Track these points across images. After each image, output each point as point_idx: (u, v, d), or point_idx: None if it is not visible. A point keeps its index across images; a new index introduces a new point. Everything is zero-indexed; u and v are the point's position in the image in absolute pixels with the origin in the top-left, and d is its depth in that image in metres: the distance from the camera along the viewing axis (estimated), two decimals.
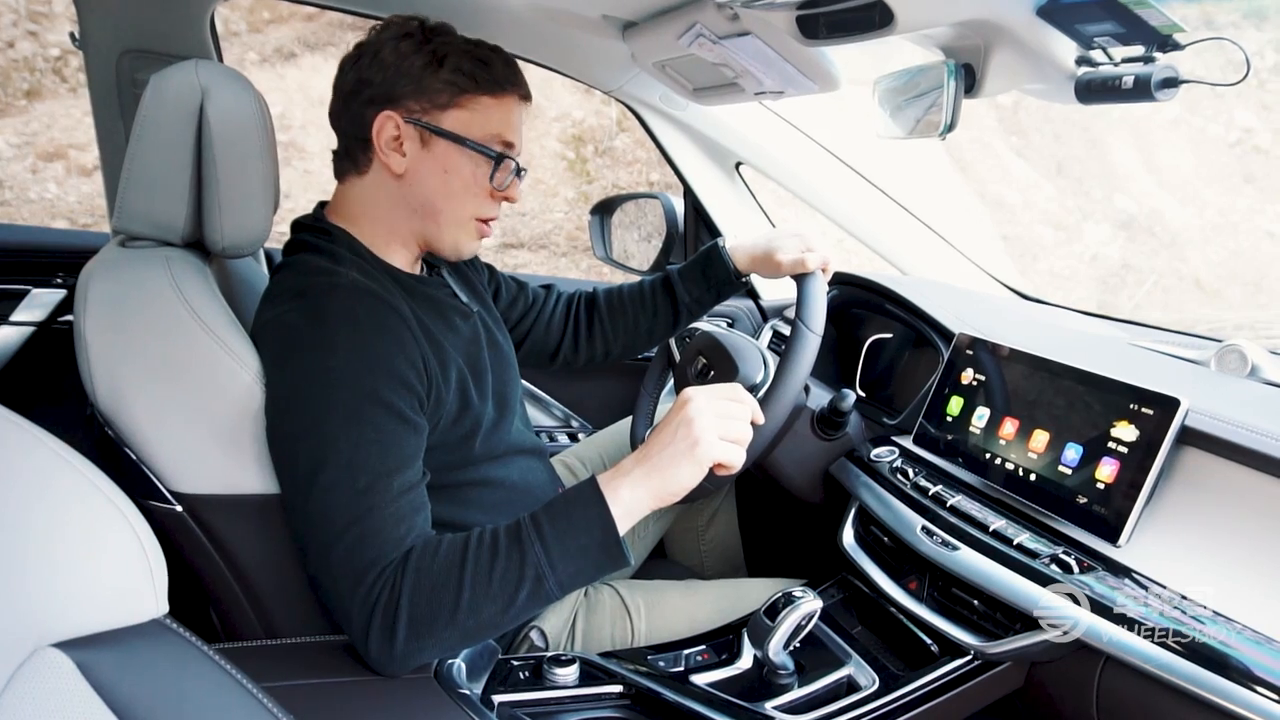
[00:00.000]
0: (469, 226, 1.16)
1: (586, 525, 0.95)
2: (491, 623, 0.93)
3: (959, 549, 1.11)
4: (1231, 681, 0.83)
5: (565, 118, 6.19)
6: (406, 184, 1.12)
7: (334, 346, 0.98)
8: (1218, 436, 0.99)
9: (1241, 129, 7.05)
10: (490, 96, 1.10)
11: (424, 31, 1.09)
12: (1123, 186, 6.95)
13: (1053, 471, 1.10)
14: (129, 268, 1.07)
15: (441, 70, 1.07)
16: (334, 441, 0.95)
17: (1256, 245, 6.61)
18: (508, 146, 1.13)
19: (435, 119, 1.09)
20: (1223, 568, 0.94)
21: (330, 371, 0.97)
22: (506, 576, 0.92)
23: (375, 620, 0.90)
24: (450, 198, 1.12)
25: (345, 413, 0.96)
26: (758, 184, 2.11)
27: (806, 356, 1.22)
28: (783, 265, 1.33)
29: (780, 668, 1.11)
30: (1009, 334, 1.27)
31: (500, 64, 1.10)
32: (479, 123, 1.10)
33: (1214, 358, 1.27)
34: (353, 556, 0.92)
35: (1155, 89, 0.91)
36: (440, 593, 0.91)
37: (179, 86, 1.08)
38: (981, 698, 1.10)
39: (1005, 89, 1.10)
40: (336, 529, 0.93)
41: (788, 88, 1.31)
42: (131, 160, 1.08)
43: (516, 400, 1.29)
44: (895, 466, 1.31)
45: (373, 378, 0.98)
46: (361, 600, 0.91)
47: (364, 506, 0.93)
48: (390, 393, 0.98)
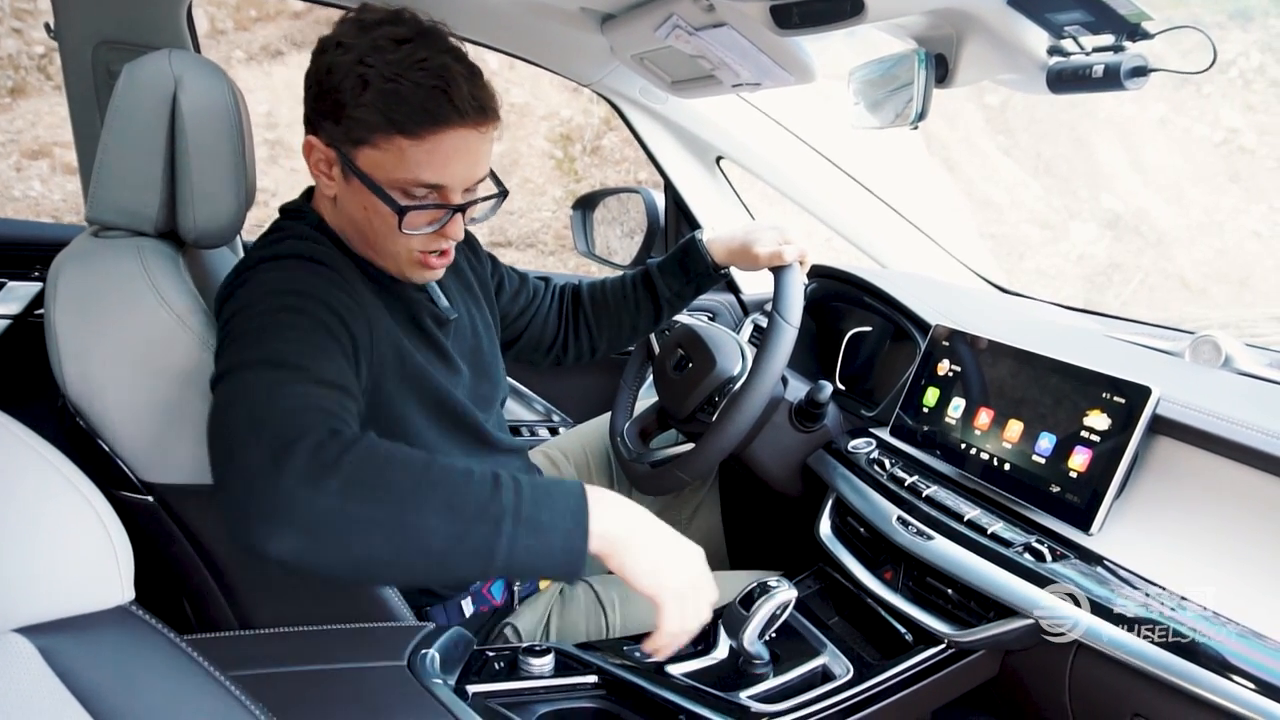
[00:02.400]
0: (410, 259, 1.08)
1: (562, 508, 0.85)
2: (423, 543, 0.79)
3: (934, 539, 1.12)
4: (1202, 668, 0.84)
5: (553, 116, 6.19)
6: (339, 209, 1.08)
7: (263, 282, 0.96)
8: (1190, 425, 1.00)
9: (1227, 129, 7.08)
10: (406, 137, 0.97)
11: (364, 34, 0.97)
12: (1109, 186, 6.97)
13: (1026, 461, 1.10)
14: (100, 257, 1.06)
15: (363, 98, 0.95)
16: (254, 339, 0.89)
17: (1242, 244, 6.65)
18: (431, 189, 1.01)
19: (351, 155, 1.00)
20: (1195, 556, 0.95)
21: (255, 300, 0.94)
22: (467, 498, 0.81)
23: (296, 460, 0.77)
24: (375, 234, 1.05)
25: (268, 321, 0.91)
26: (746, 183, 2.11)
27: (783, 348, 1.23)
28: (760, 258, 1.33)
29: (755, 657, 1.11)
30: (986, 326, 1.28)
31: (425, 95, 0.95)
32: (392, 165, 0.99)
33: (1188, 349, 1.28)
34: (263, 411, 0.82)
35: (1124, 78, 0.92)
36: (394, 469, 0.80)
37: (152, 75, 1.07)
38: (956, 686, 1.10)
39: (978, 79, 1.11)
40: (245, 391, 0.84)
41: (764, 79, 1.31)
42: (104, 149, 1.08)
43: (480, 408, 1.23)
44: (872, 458, 1.31)
45: (301, 299, 0.94)
46: (280, 442, 0.78)
47: (288, 380, 0.85)
48: (313, 308, 0.94)
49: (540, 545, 0.83)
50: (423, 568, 0.80)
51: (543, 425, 2.07)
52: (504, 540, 0.81)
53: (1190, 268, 6.57)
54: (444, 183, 1.01)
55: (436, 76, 0.95)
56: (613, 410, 1.59)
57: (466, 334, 1.25)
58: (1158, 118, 7.17)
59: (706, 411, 1.38)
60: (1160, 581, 0.93)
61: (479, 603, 1.26)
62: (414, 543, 0.78)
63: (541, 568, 0.84)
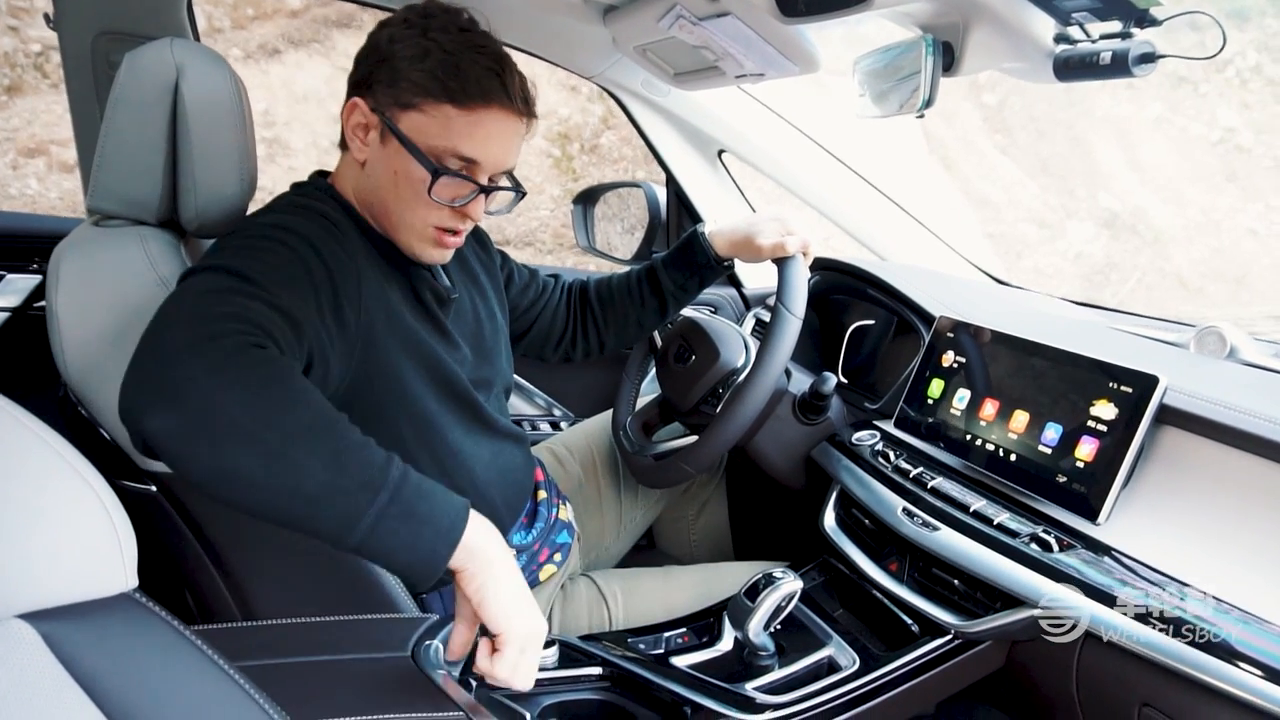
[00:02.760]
0: (425, 233, 1.10)
1: (443, 508, 0.83)
2: (296, 480, 0.75)
3: (939, 529, 1.11)
4: (1211, 656, 0.83)
5: (551, 115, 6.18)
6: (366, 174, 1.09)
7: (258, 221, 0.99)
8: (1197, 414, 0.99)
9: (1224, 128, 7.10)
10: (455, 106, 1.02)
11: (429, 19, 1.04)
12: (1106, 185, 6.99)
13: (1033, 451, 1.10)
14: (102, 245, 1.06)
15: (420, 66, 1.01)
16: (226, 255, 0.90)
17: (1239, 243, 6.66)
18: (465, 163, 1.05)
19: (395, 117, 1.04)
20: (1202, 544, 0.95)
21: (243, 229, 0.97)
22: (358, 460, 0.79)
23: (213, 353, 0.75)
24: (399, 201, 1.07)
25: (247, 244, 0.93)
26: (747, 181, 2.11)
27: (788, 339, 1.22)
28: (763, 249, 1.32)
29: (760, 649, 1.10)
30: (990, 318, 1.27)
31: (481, 72, 1.02)
32: (435, 131, 1.03)
33: (1193, 340, 1.28)
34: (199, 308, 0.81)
35: (1133, 64, 0.91)
36: (302, 404, 0.78)
37: (153, 64, 1.06)
38: (962, 677, 1.10)
39: (984, 67, 1.10)
40: (186, 291, 0.84)
41: (768, 70, 1.30)
42: (105, 138, 1.07)
43: (479, 390, 1.22)
44: (876, 450, 1.31)
45: (287, 234, 0.95)
46: (205, 334, 0.77)
47: (240, 290, 0.84)
48: (295, 243, 0.94)
49: (406, 533, 0.80)
50: (285, 504, 0.76)
51: (544, 420, 2.07)
52: (373, 512, 0.78)
53: (1187, 266, 6.59)
54: (478, 157, 1.05)
55: (494, 60, 1.03)
56: (615, 404, 1.58)
57: (468, 316, 1.25)
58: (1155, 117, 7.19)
59: (710, 403, 1.38)
60: (1168, 571, 0.93)
61: None
62: (288, 476, 0.75)
63: (398, 556, 0.80)
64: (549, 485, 1.41)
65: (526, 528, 1.31)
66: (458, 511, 0.83)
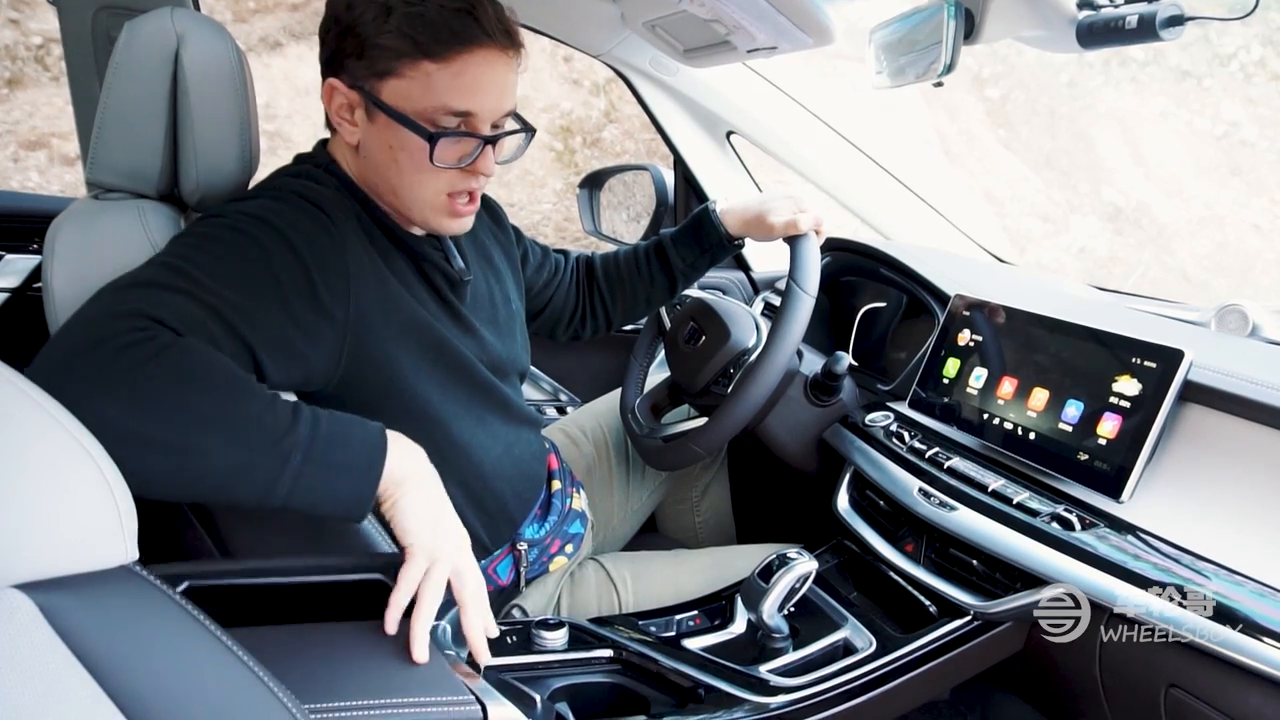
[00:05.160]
0: (438, 203, 1.03)
1: (359, 451, 0.83)
2: (202, 467, 0.75)
3: (957, 509, 1.09)
4: (1241, 634, 0.81)
5: (553, 109, 6.16)
6: (362, 157, 1.03)
7: (237, 206, 0.94)
8: (1221, 390, 0.98)
9: (1228, 122, 7.08)
10: (433, 61, 0.94)
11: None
12: (1110, 179, 6.97)
13: (1053, 429, 1.07)
14: (100, 218, 1.03)
15: (386, 25, 0.93)
16: (179, 245, 0.88)
17: (1243, 238, 6.64)
18: (461, 117, 0.98)
19: (375, 89, 0.96)
20: (1227, 522, 0.93)
21: (216, 215, 0.93)
22: (261, 427, 0.78)
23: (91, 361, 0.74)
24: (402, 176, 1.01)
25: (208, 234, 0.89)
26: (758, 163, 2.09)
27: (800, 317, 1.20)
28: (775, 227, 1.30)
29: (775, 631, 1.08)
30: (1004, 296, 1.25)
31: (450, 16, 0.93)
32: (419, 93, 0.95)
33: (1214, 318, 1.26)
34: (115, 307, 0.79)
35: (1160, 27, 0.89)
36: (192, 387, 0.76)
37: (153, 33, 1.04)
38: (982, 659, 1.07)
39: (1005, 34, 1.08)
40: (113, 291, 0.82)
41: (781, 42, 1.28)
42: (104, 109, 1.05)
43: (497, 375, 1.18)
44: (891, 430, 1.28)
45: (259, 225, 0.91)
46: (87, 339, 0.75)
47: (166, 285, 0.82)
48: (267, 238, 0.90)
49: (325, 485, 0.80)
50: (201, 489, 0.77)
51: (550, 404, 2.05)
52: (288, 474, 0.78)
53: (1191, 261, 6.56)
54: (472, 109, 0.97)
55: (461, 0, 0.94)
56: (623, 386, 1.56)
57: (484, 300, 1.20)
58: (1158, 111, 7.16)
59: (721, 384, 1.35)
60: (1194, 548, 0.91)
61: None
62: (193, 466, 0.75)
63: (323, 507, 0.81)
64: (563, 474, 1.38)
65: (540, 520, 1.28)
66: (375, 448, 0.83)
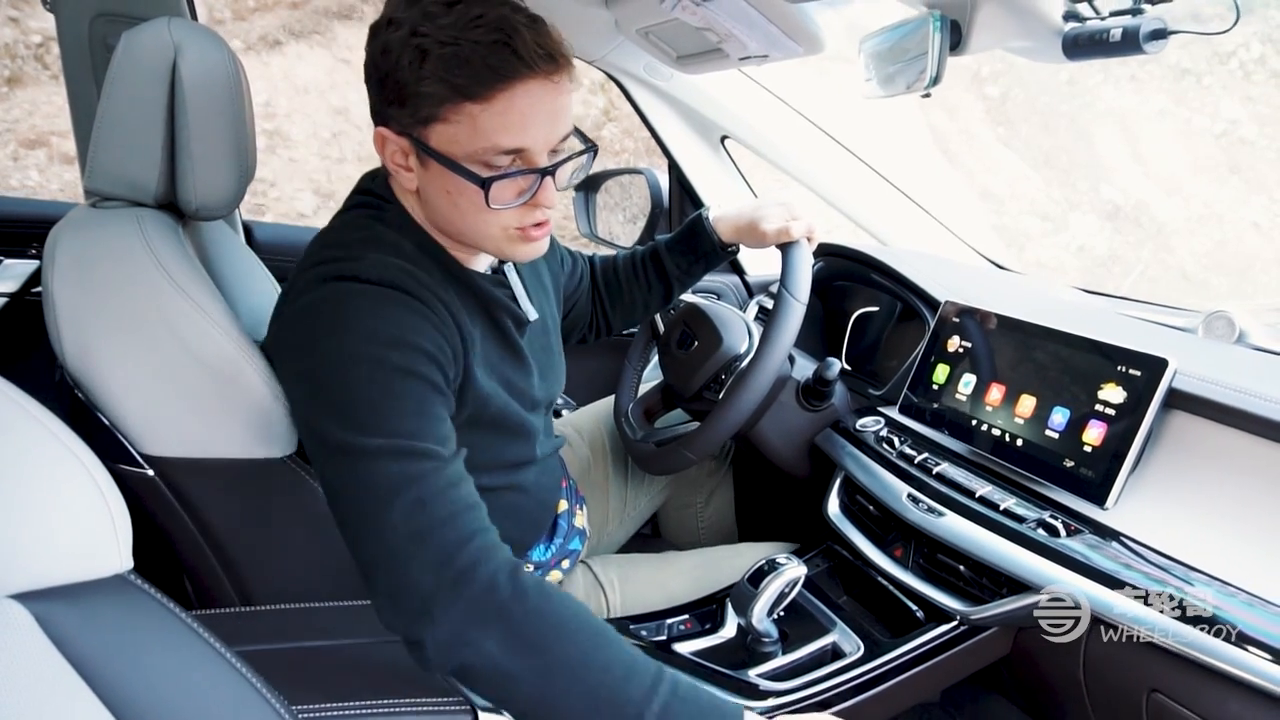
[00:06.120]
0: (508, 236, 0.98)
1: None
2: (557, 712, 0.81)
3: (945, 515, 1.10)
4: (1221, 641, 0.82)
5: None
6: (425, 202, 0.99)
7: (355, 324, 0.89)
8: (1205, 398, 0.98)
9: (1227, 120, 7.07)
10: (475, 102, 0.88)
11: (412, 6, 0.89)
12: (1109, 177, 6.96)
13: (1039, 436, 1.09)
14: (99, 226, 1.05)
15: (423, 70, 0.87)
16: (365, 409, 0.85)
17: (1242, 236, 6.64)
18: (513, 154, 0.91)
19: (423, 136, 0.92)
20: (1211, 529, 0.94)
21: (350, 348, 0.88)
22: (617, 696, 0.81)
23: (468, 593, 0.81)
24: (464, 219, 0.97)
25: (377, 385, 0.86)
26: (753, 168, 2.09)
27: (791, 324, 1.21)
28: (767, 234, 1.30)
29: (764, 635, 1.09)
30: (995, 303, 1.26)
31: (487, 51, 0.86)
32: (466, 137, 0.90)
33: (1201, 325, 1.27)
34: (420, 523, 0.83)
35: (1144, 40, 0.90)
36: (560, 639, 0.81)
37: (151, 43, 1.05)
38: (968, 664, 1.09)
39: (992, 45, 1.09)
40: (388, 492, 0.83)
41: (772, 51, 1.29)
42: (102, 118, 1.06)
43: (538, 410, 1.18)
44: (881, 436, 1.29)
45: (400, 353, 0.88)
46: (453, 571, 0.81)
47: (417, 471, 0.84)
48: (420, 365, 0.90)
49: None
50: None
51: None
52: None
53: (1190, 259, 6.56)
54: (524, 145, 0.91)
55: (495, 30, 0.86)
56: (617, 390, 1.57)
57: (540, 333, 1.19)
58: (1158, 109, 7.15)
59: (713, 390, 1.36)
60: (1177, 555, 0.92)
61: None
62: (548, 708, 0.81)
63: None
64: (570, 492, 1.38)
65: (547, 542, 1.29)
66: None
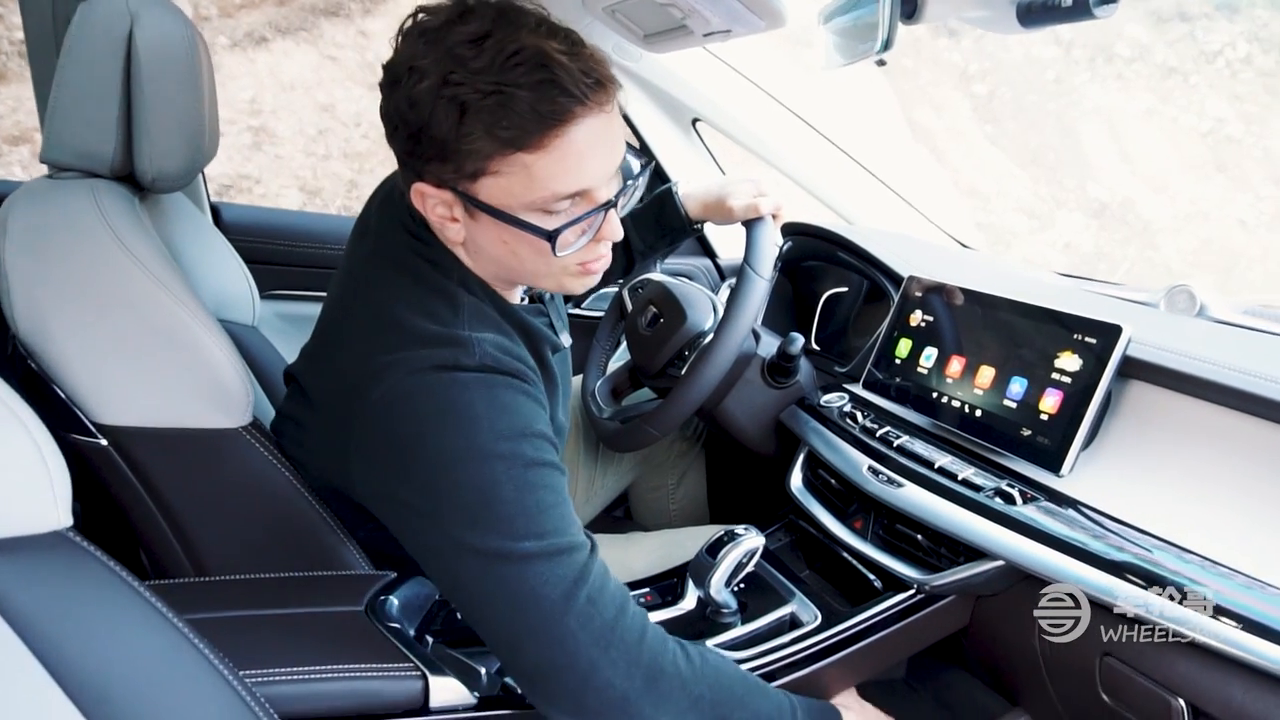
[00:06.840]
0: (569, 274, 0.94)
1: None
2: None
3: (904, 486, 1.10)
4: (1169, 602, 0.82)
5: None
6: (475, 253, 0.93)
7: (471, 419, 0.84)
8: (1163, 366, 0.99)
9: (1214, 119, 7.10)
10: (528, 152, 0.80)
11: (432, 47, 0.79)
12: (1096, 175, 6.99)
13: (998, 406, 1.09)
14: (54, 196, 1.04)
15: (464, 127, 0.79)
16: (506, 513, 0.82)
17: (1228, 234, 6.67)
18: (574, 198, 0.85)
19: (471, 190, 0.84)
20: (1166, 495, 0.94)
21: (476, 448, 0.83)
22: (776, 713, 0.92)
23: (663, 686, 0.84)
24: (524, 265, 0.91)
25: (511, 485, 0.82)
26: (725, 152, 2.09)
27: (753, 300, 1.21)
28: (735, 210, 1.30)
29: (723, 606, 1.09)
30: (960, 279, 1.26)
31: (532, 94, 0.78)
32: (521, 188, 0.82)
33: (1163, 298, 1.27)
34: (597, 626, 0.82)
35: (1094, 6, 0.90)
36: (730, 706, 0.88)
37: (107, 13, 1.05)
38: (926, 633, 1.09)
39: (947, 15, 1.09)
40: (560, 598, 0.81)
41: (734, 25, 1.28)
42: (59, 88, 1.06)
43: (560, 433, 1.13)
44: (844, 411, 1.29)
45: (529, 444, 0.85)
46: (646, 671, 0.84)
47: (577, 571, 0.83)
48: (545, 451, 0.87)
49: None
50: None
51: None
52: None
53: (1176, 257, 6.58)
54: (585, 186, 0.85)
55: (537, 67, 0.78)
56: (585, 370, 1.57)
57: (563, 356, 1.14)
58: (1144, 107, 7.18)
59: (677, 366, 1.36)
60: (1131, 521, 0.92)
61: None
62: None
63: None
64: None
65: None
66: None
